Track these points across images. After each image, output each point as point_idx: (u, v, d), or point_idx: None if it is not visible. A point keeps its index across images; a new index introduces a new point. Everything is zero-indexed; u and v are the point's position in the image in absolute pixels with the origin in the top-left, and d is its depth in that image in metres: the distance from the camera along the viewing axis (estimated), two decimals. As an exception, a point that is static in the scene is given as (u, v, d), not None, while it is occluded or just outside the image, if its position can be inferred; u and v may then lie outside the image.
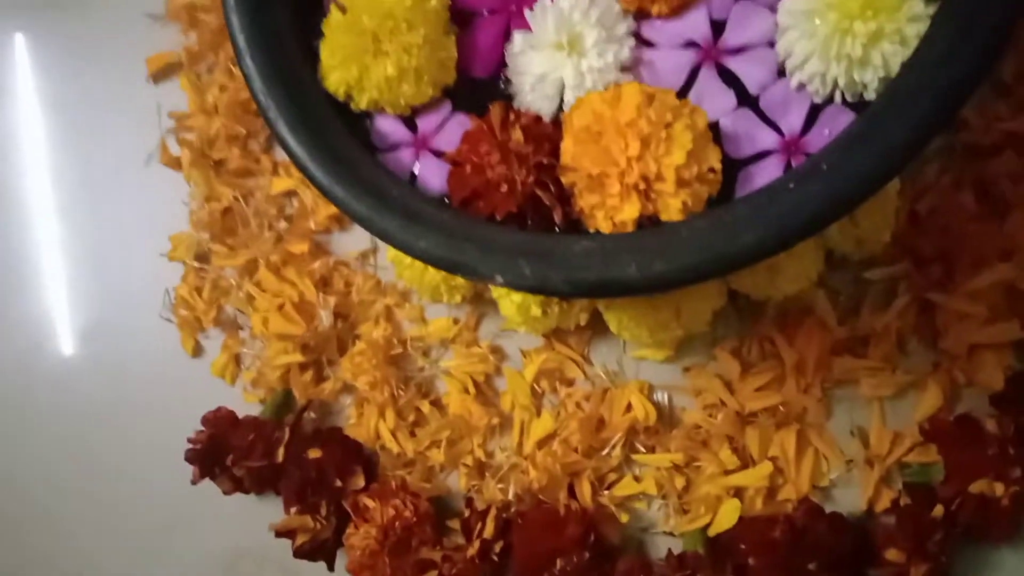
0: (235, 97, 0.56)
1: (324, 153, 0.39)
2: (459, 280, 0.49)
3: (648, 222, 0.37)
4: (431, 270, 0.49)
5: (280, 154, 0.56)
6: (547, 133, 0.39)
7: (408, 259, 0.49)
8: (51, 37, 0.61)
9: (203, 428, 0.53)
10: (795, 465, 0.48)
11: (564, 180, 0.38)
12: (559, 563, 0.47)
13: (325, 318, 0.54)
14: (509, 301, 0.48)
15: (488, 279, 0.37)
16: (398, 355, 0.53)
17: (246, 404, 0.55)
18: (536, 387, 0.52)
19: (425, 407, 0.53)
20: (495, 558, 0.49)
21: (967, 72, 0.34)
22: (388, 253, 0.52)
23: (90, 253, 0.59)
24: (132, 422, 0.57)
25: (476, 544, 0.49)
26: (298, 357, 0.53)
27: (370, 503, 0.50)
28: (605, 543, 0.49)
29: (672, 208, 0.37)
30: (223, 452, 0.52)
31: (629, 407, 0.50)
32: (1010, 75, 0.47)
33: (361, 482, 0.51)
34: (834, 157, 0.35)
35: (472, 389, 0.52)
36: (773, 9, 0.38)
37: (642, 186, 0.36)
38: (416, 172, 0.41)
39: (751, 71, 0.38)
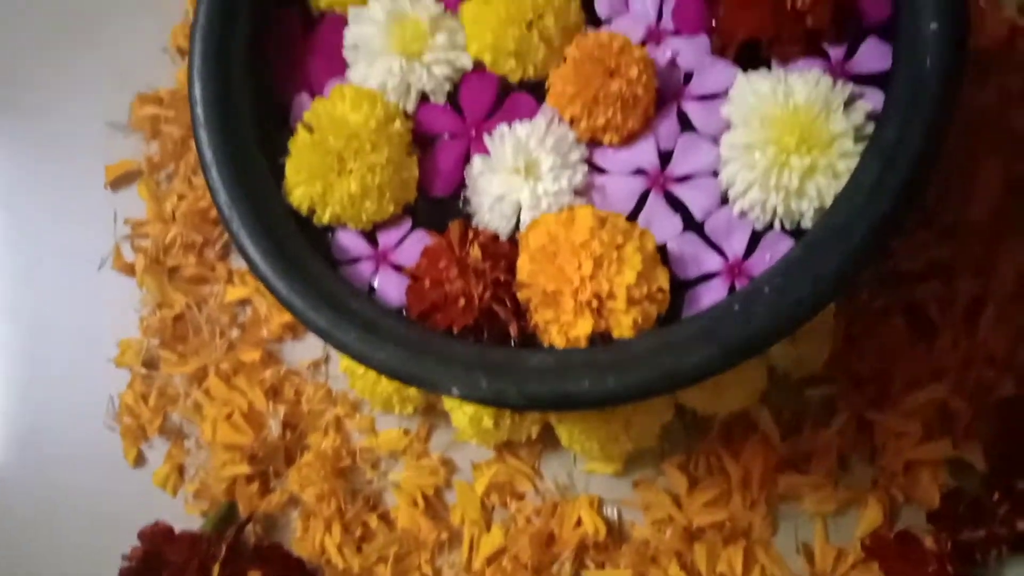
0: (193, 206, 0.57)
1: (285, 265, 0.40)
2: (411, 391, 0.50)
3: (600, 338, 0.39)
4: (383, 380, 0.49)
5: (235, 262, 0.57)
6: (504, 251, 0.40)
7: (360, 369, 0.49)
8: (9, 140, 0.61)
9: (139, 543, 0.51)
10: (742, 582, 0.48)
11: (520, 296, 0.40)
12: None
13: (274, 428, 0.53)
14: (461, 413, 0.48)
15: (445, 391, 0.38)
16: (347, 467, 0.53)
17: (188, 516, 0.53)
18: (486, 500, 0.51)
19: (373, 521, 0.52)
20: None
21: (893, 204, 0.37)
22: (341, 363, 0.53)
23: (34, 357, 0.58)
24: (67, 535, 0.55)
25: (422, 665, 0.48)
26: (244, 468, 0.53)
27: (313, 621, 0.49)
28: (554, 663, 0.48)
29: (624, 325, 0.38)
30: (159, 569, 0.50)
31: (579, 522, 0.50)
32: (932, 205, 0.51)
33: (302, 602, 0.50)
34: (775, 281, 0.37)
35: (421, 502, 0.52)
36: (716, 141, 0.41)
37: (595, 304, 0.38)
38: (375, 285, 0.42)
39: (696, 198, 0.41)
